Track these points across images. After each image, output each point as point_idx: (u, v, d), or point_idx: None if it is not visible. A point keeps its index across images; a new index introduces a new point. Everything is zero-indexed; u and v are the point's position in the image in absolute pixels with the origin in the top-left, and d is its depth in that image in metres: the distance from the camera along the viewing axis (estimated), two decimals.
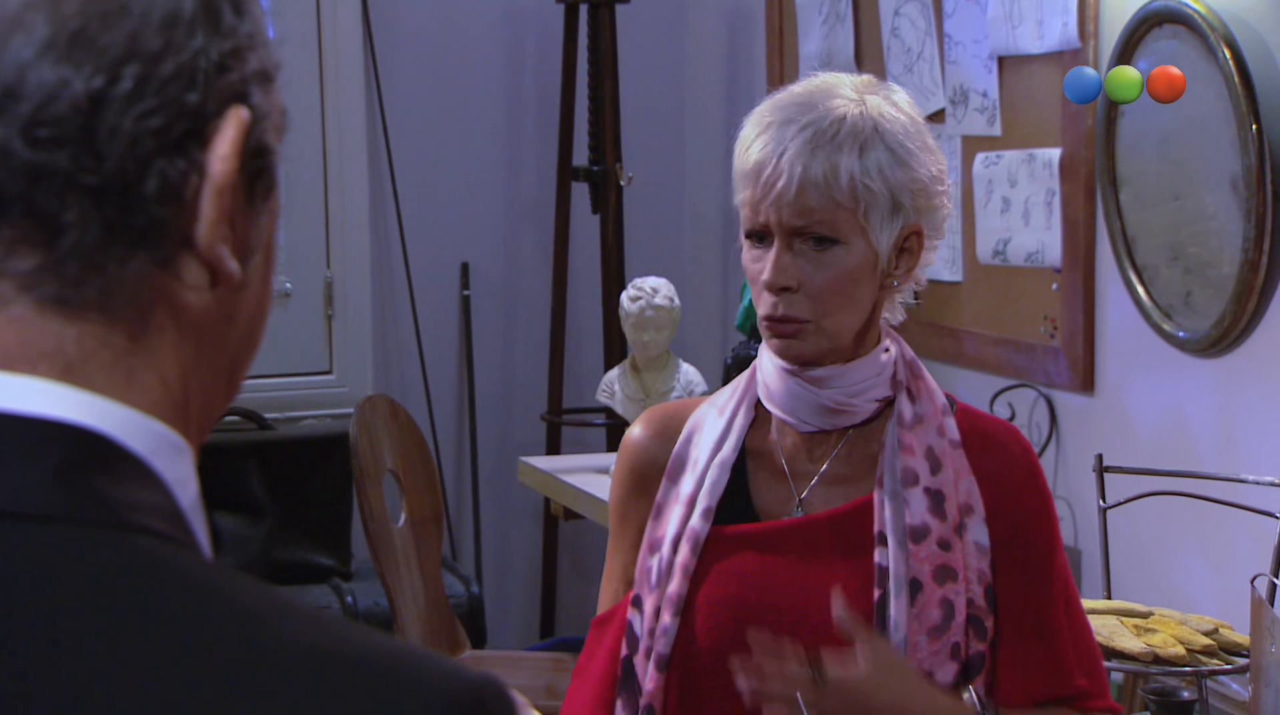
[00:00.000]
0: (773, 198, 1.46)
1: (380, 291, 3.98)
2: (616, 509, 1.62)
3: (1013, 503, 1.54)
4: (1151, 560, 2.65)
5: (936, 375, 3.25)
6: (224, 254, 0.67)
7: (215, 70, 0.66)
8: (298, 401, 3.87)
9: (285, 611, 0.63)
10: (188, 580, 0.62)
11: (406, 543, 3.11)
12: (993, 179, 3.02)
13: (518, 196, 4.09)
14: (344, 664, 0.61)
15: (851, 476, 1.56)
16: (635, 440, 1.60)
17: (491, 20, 4.02)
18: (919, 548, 1.50)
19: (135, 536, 0.62)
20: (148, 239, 0.65)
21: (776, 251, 1.48)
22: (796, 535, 1.54)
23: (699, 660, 1.53)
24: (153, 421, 0.66)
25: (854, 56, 3.49)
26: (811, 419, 1.54)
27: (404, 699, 0.61)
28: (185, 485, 0.66)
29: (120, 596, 0.60)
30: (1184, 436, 2.59)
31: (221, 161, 0.66)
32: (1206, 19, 2.45)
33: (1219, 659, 1.99)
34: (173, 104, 0.65)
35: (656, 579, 1.54)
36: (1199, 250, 2.56)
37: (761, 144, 1.48)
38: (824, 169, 1.45)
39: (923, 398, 1.55)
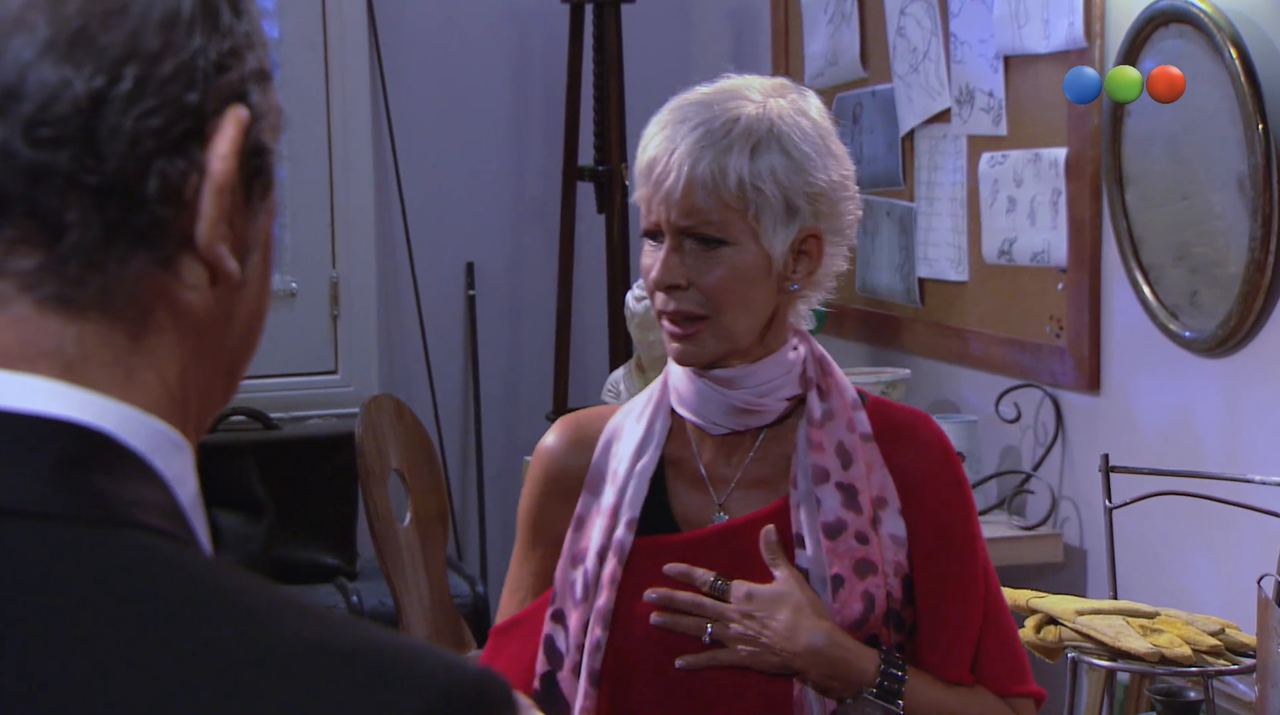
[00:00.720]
0: (662, 195, 1.47)
1: (385, 291, 3.98)
2: (527, 518, 1.60)
3: (928, 492, 1.54)
4: (1158, 560, 2.65)
5: (942, 374, 3.26)
6: (224, 253, 0.67)
7: (214, 70, 0.67)
8: (303, 401, 3.87)
9: (285, 607, 0.63)
10: (187, 577, 0.62)
11: (412, 542, 3.11)
12: (998, 178, 3.01)
13: (523, 196, 4.09)
14: (344, 658, 0.61)
15: (769, 478, 1.55)
16: (549, 448, 1.60)
17: (497, 20, 4.02)
18: (836, 544, 1.50)
19: (135, 533, 0.62)
20: (148, 238, 0.65)
21: (666, 250, 1.48)
22: (718, 543, 1.53)
23: (630, 673, 1.52)
24: (152, 419, 0.66)
25: (859, 56, 3.49)
26: (722, 420, 1.53)
27: (404, 691, 0.61)
28: (185, 482, 0.66)
29: (120, 593, 0.60)
30: (1190, 436, 2.59)
31: (221, 160, 0.66)
32: (1213, 18, 2.45)
33: (1225, 659, 1.99)
34: (172, 103, 0.65)
35: (582, 592, 1.53)
36: (1205, 250, 2.55)
37: (656, 142, 1.48)
38: (711, 169, 1.45)
39: (833, 394, 1.55)
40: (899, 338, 3.39)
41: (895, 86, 3.33)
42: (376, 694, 0.60)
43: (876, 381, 3.11)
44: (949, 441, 1.59)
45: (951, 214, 3.18)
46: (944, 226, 3.21)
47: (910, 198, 3.32)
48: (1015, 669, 1.58)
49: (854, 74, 3.52)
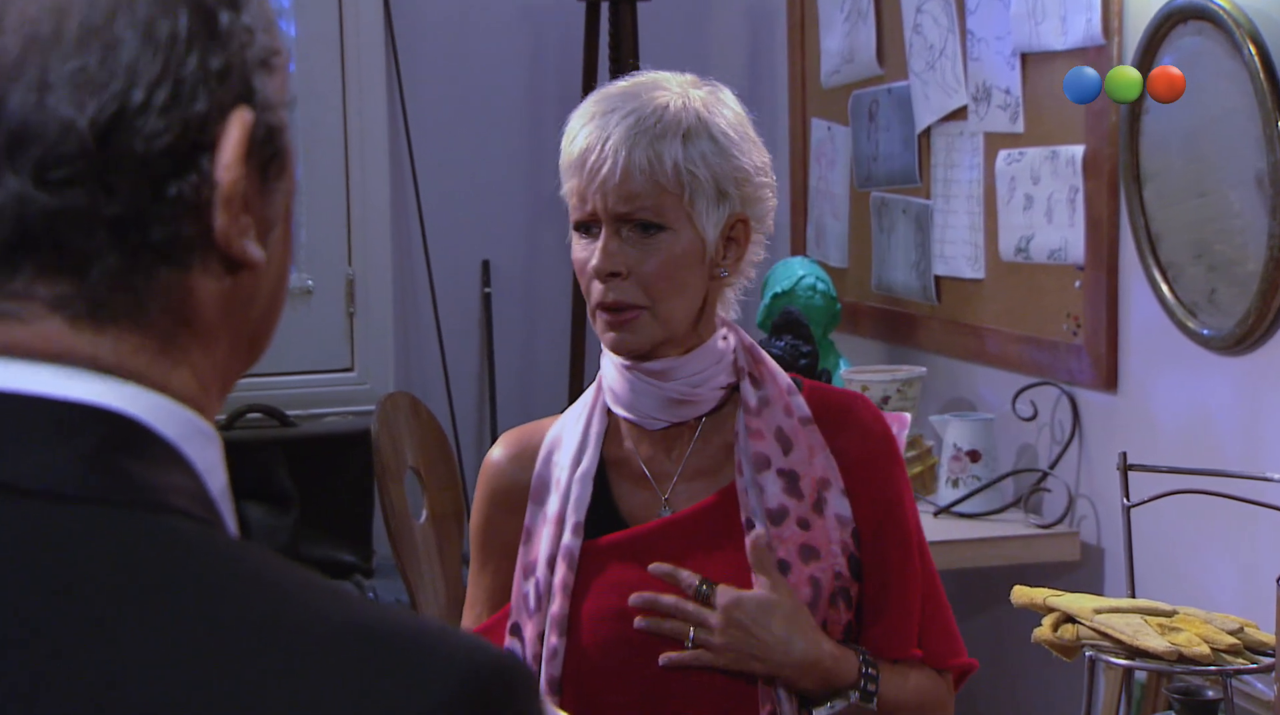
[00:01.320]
0: (598, 184, 1.48)
1: (401, 289, 3.98)
2: (477, 534, 1.62)
3: (870, 473, 1.56)
4: (1176, 559, 2.64)
5: (958, 372, 3.25)
6: (246, 246, 0.69)
7: (216, 80, 0.67)
8: (319, 399, 3.88)
9: (315, 588, 0.64)
10: (219, 559, 0.64)
11: (428, 539, 3.11)
12: (1015, 176, 3.00)
13: (539, 194, 4.09)
14: (374, 637, 0.62)
15: (711, 468, 1.56)
16: (493, 463, 1.61)
17: (512, 18, 4.02)
18: (780, 529, 1.51)
19: (168, 517, 0.64)
20: (171, 252, 0.67)
21: (604, 238, 1.50)
22: (666, 536, 1.54)
23: (590, 677, 1.53)
24: (184, 409, 0.68)
25: (876, 54, 3.49)
26: (658, 414, 1.54)
27: (432, 670, 0.62)
28: (214, 473, 0.68)
29: (152, 575, 0.62)
30: (1208, 435, 2.58)
31: (227, 170, 0.67)
32: (1232, 15, 2.44)
33: (1244, 658, 1.98)
34: (177, 122, 0.66)
35: (535, 603, 1.54)
36: (1223, 247, 2.54)
37: (586, 133, 1.50)
38: (648, 154, 1.47)
39: (766, 381, 1.56)
40: (915, 335, 3.38)
41: (911, 84, 3.33)
42: (406, 672, 0.61)
43: (892, 379, 3.10)
44: (887, 422, 1.62)
45: (968, 211, 3.17)
46: (960, 224, 3.21)
47: (926, 195, 3.32)
48: (951, 643, 1.61)
49: (870, 71, 3.51)
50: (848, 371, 3.19)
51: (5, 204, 0.65)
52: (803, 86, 3.85)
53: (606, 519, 1.56)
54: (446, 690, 0.61)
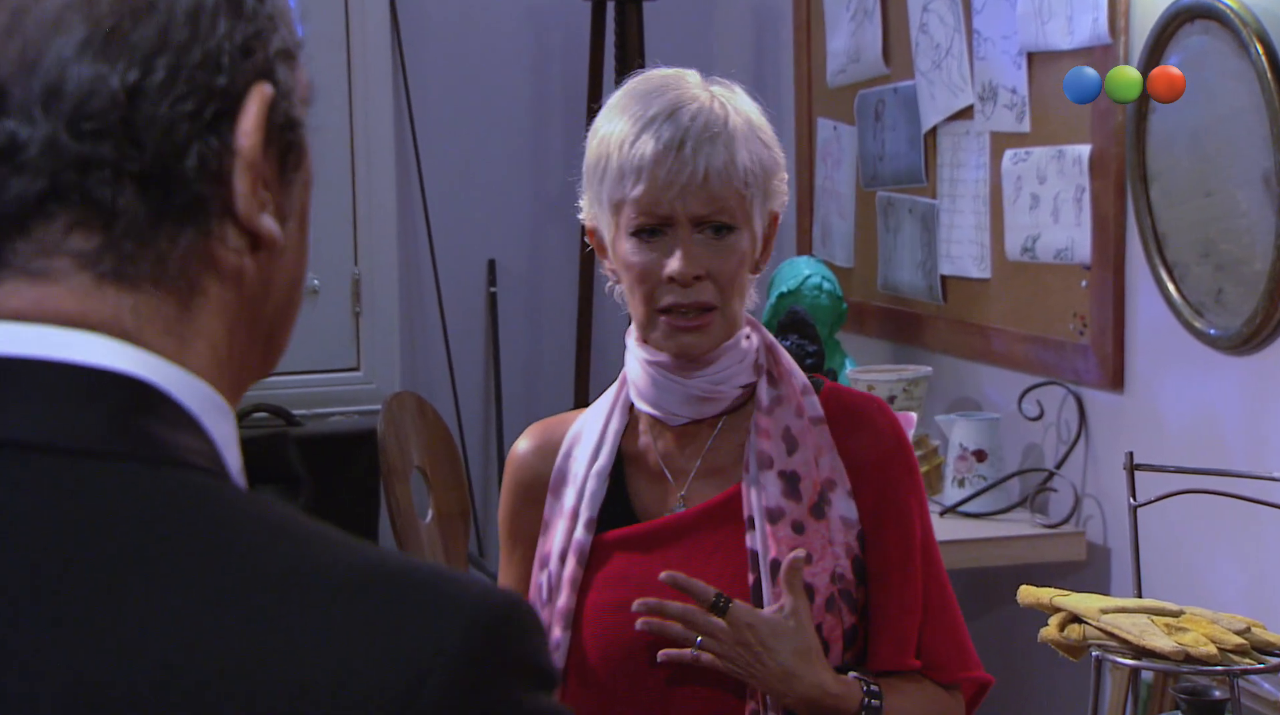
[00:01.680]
0: (678, 188, 1.48)
1: (407, 289, 3.99)
2: (504, 524, 1.63)
3: (881, 477, 1.56)
4: (1182, 559, 2.63)
5: (964, 372, 3.25)
6: (265, 219, 0.72)
7: (240, 53, 0.71)
8: (325, 398, 3.88)
9: (329, 536, 0.68)
10: (236, 508, 0.67)
11: (433, 539, 3.11)
12: (1021, 175, 3.00)
13: (544, 193, 4.09)
14: (388, 579, 0.65)
15: (725, 467, 1.57)
16: (519, 455, 1.62)
17: (518, 17, 4.02)
18: (775, 529, 1.51)
19: (188, 472, 0.68)
20: (193, 215, 0.71)
21: (684, 242, 1.49)
22: (674, 531, 1.55)
23: (590, 670, 1.53)
24: (201, 383, 0.71)
25: (882, 53, 3.48)
26: (681, 410, 1.55)
27: (443, 608, 0.65)
28: (230, 449, 0.71)
29: (178, 524, 0.65)
30: (1215, 434, 2.57)
31: (247, 136, 0.71)
32: (1239, 14, 2.43)
33: (1251, 658, 1.98)
34: (202, 89, 0.70)
35: (546, 595, 1.55)
36: (1230, 247, 2.54)
37: (653, 137, 1.48)
38: (724, 158, 1.48)
39: (782, 381, 1.57)
40: (921, 335, 3.38)
41: (918, 83, 3.32)
42: (422, 611, 0.65)
43: (898, 379, 3.10)
44: (902, 427, 1.61)
45: (974, 211, 3.17)
46: (966, 223, 3.20)
47: (933, 195, 3.31)
48: (962, 656, 1.59)
49: (876, 71, 3.51)
50: (853, 371, 3.19)
51: (39, 151, 0.68)
52: (809, 86, 3.85)
53: (620, 514, 1.57)
54: (461, 627, 0.64)
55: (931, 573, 1.58)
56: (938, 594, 1.59)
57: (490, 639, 0.65)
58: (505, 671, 0.65)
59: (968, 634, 1.63)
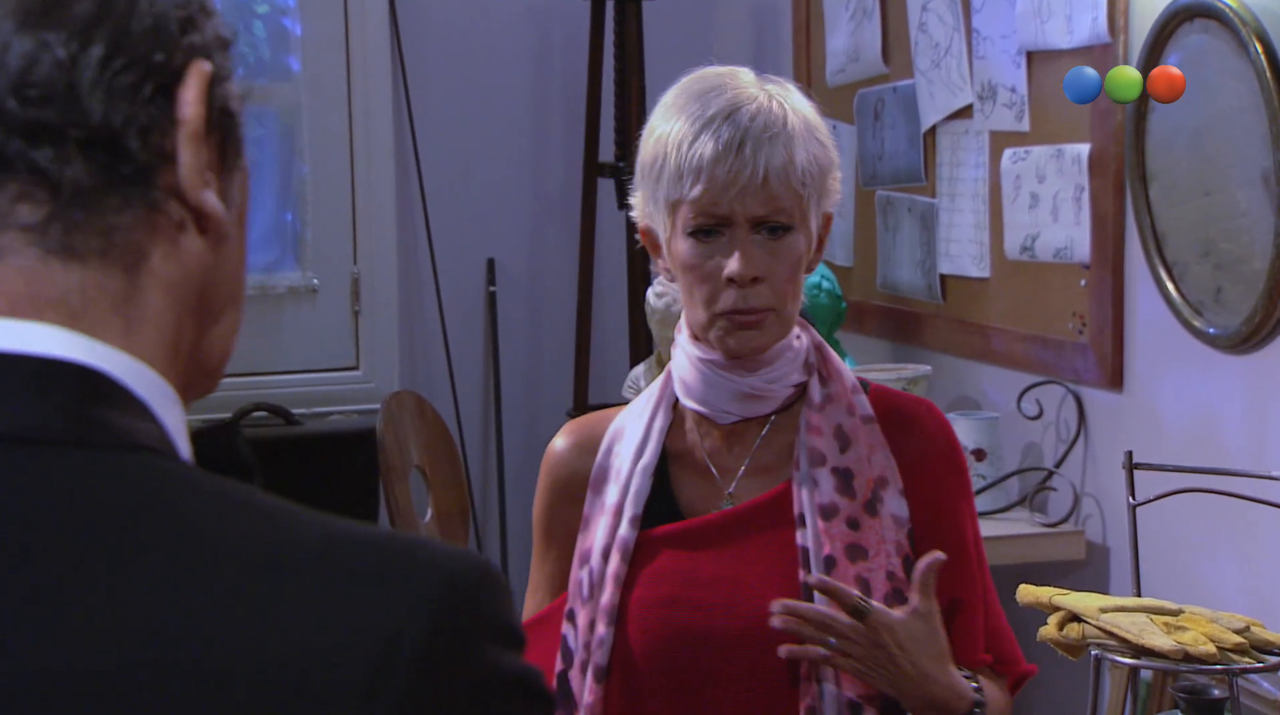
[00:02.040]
0: (738, 189, 1.47)
1: (407, 288, 3.99)
2: (539, 522, 1.63)
3: (931, 479, 1.56)
4: (1181, 558, 2.64)
5: (963, 371, 3.25)
6: (208, 196, 0.73)
7: (178, 30, 0.73)
8: (325, 397, 3.88)
9: (292, 508, 0.69)
10: (198, 487, 0.68)
11: (433, 537, 3.12)
12: (1021, 174, 3.00)
13: (543, 192, 4.09)
14: (352, 545, 0.67)
15: (774, 465, 1.57)
16: (556, 452, 1.62)
17: (518, 16, 4.02)
18: (830, 525, 1.51)
19: (145, 455, 0.68)
20: (138, 186, 0.71)
21: (743, 243, 1.49)
22: (721, 528, 1.55)
23: (635, 666, 1.53)
24: (150, 371, 0.71)
25: (881, 52, 3.48)
26: (731, 407, 1.55)
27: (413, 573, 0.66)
28: (180, 435, 0.72)
29: (138, 506, 0.66)
30: (1214, 434, 2.58)
31: (189, 107, 0.72)
32: (1238, 13, 2.44)
33: (1250, 657, 1.98)
34: (142, 62, 0.71)
35: (588, 591, 1.55)
36: (1230, 246, 2.54)
37: (711, 137, 1.48)
38: (783, 158, 1.48)
39: (833, 379, 1.57)
40: (920, 334, 3.38)
41: (917, 82, 3.33)
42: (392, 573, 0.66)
43: (897, 378, 3.10)
44: (951, 429, 1.62)
45: (973, 210, 3.17)
46: (966, 223, 3.21)
47: (932, 194, 3.31)
48: (1014, 650, 1.62)
49: (875, 70, 3.51)
50: (853, 370, 3.19)
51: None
52: (808, 85, 3.84)
53: (665, 510, 1.57)
54: (434, 587, 0.65)
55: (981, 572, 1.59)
56: (992, 594, 1.61)
57: (462, 598, 0.66)
58: (478, 630, 0.66)
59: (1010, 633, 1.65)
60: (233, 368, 3.00)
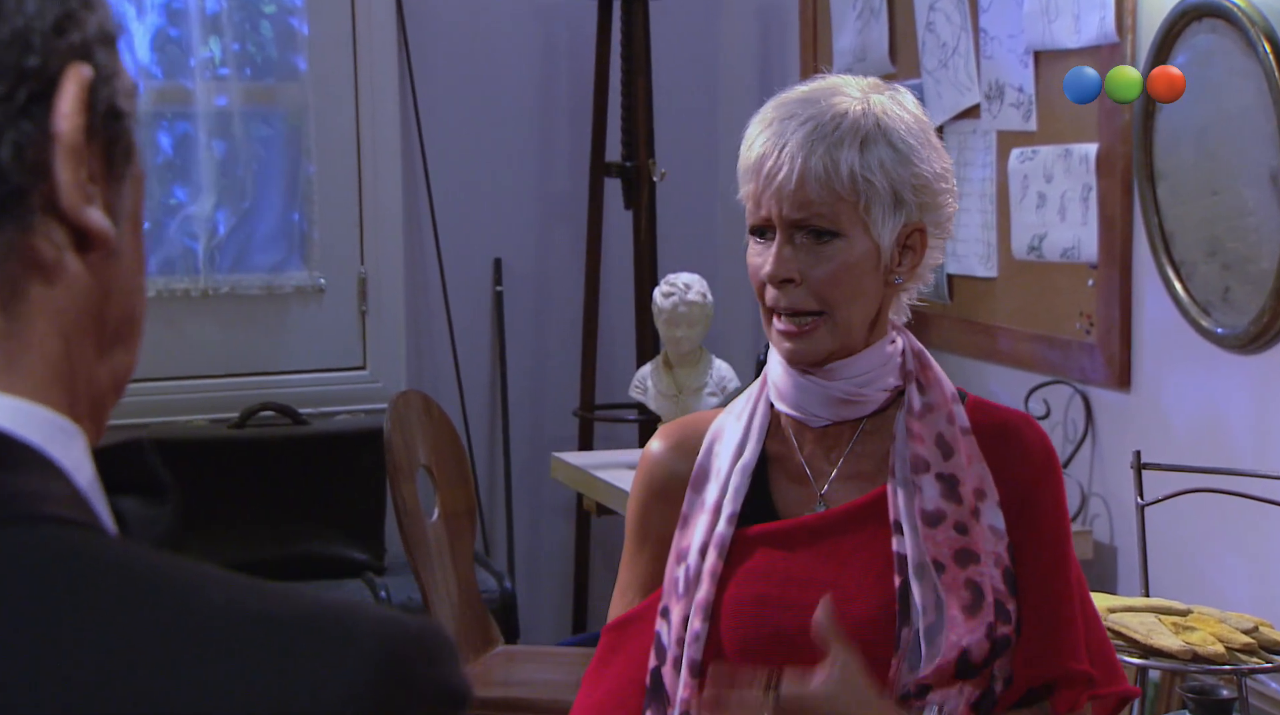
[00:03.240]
0: (773, 190, 1.49)
1: (413, 287, 3.99)
2: (635, 521, 1.63)
3: (1030, 491, 1.56)
4: (1189, 558, 2.63)
5: (970, 371, 3.25)
6: (92, 213, 0.66)
7: (52, 32, 0.65)
8: (332, 397, 3.89)
9: (211, 580, 0.62)
10: (105, 561, 0.62)
11: (440, 538, 3.11)
12: (1028, 174, 3.00)
13: (550, 192, 4.09)
14: (278, 622, 0.61)
15: (868, 471, 1.57)
16: (655, 454, 1.63)
17: (525, 15, 4.02)
18: (935, 531, 1.51)
19: (47, 527, 0.61)
20: (10, 209, 0.64)
21: (778, 244, 1.50)
22: (816, 530, 1.55)
23: (730, 660, 1.53)
24: (41, 408, 0.65)
25: (888, 52, 3.48)
26: (822, 412, 1.55)
27: (343, 650, 0.60)
28: (81, 469, 0.65)
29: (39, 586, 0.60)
30: (1222, 433, 2.57)
31: (65, 119, 0.65)
32: (1246, 13, 2.43)
33: (1259, 657, 1.98)
34: (11, 70, 0.64)
35: (684, 587, 1.56)
36: (1237, 245, 2.54)
37: (763, 139, 1.51)
38: (824, 162, 1.48)
39: (931, 387, 1.57)
40: (927, 334, 3.38)
41: (924, 82, 3.32)
42: (315, 654, 0.60)
43: None
44: (1050, 442, 1.60)
45: (981, 210, 3.17)
46: (973, 222, 3.20)
47: None
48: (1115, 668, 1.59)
49: (883, 69, 3.51)
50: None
51: None
52: None
53: (761, 510, 1.57)
54: (367, 664, 0.60)
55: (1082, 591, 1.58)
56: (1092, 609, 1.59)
57: (397, 672, 0.61)
58: (417, 701, 0.62)
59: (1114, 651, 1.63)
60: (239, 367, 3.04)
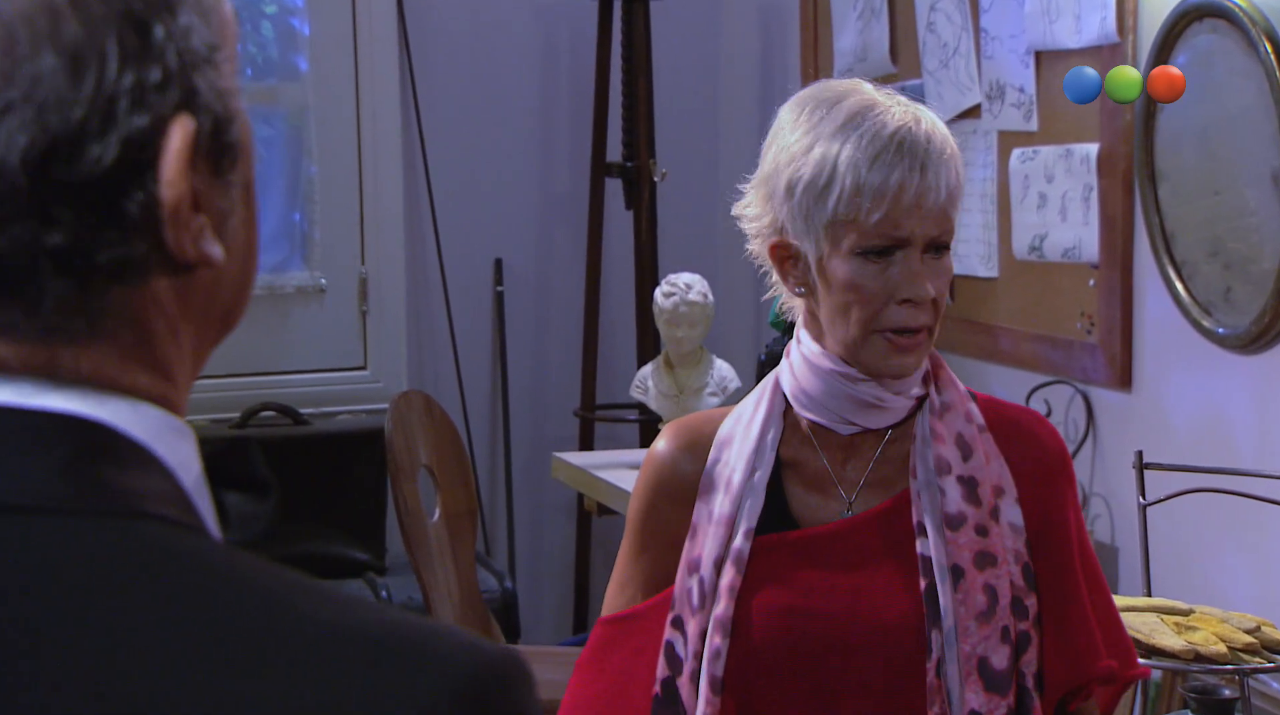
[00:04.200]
0: (923, 213, 1.49)
1: (414, 287, 3.99)
2: (640, 519, 1.61)
3: (1045, 488, 1.57)
4: (1191, 558, 2.63)
5: (971, 371, 3.25)
6: (202, 248, 0.67)
7: (155, 92, 0.65)
8: (333, 397, 3.89)
9: (301, 590, 0.63)
10: (202, 564, 0.63)
11: (441, 538, 3.11)
12: (1029, 174, 3.00)
13: (551, 193, 4.09)
14: (364, 639, 0.62)
15: (892, 476, 1.57)
16: (662, 454, 1.61)
17: (525, 16, 4.02)
18: (957, 535, 1.52)
19: (147, 524, 0.63)
20: (122, 272, 0.65)
21: (916, 263, 1.50)
22: (839, 538, 1.55)
23: (755, 676, 1.53)
24: (151, 407, 0.66)
25: (889, 52, 3.48)
26: (855, 418, 1.55)
27: (426, 672, 0.61)
28: (188, 468, 0.67)
29: (136, 584, 0.61)
30: (1223, 433, 2.57)
31: (170, 187, 0.65)
32: (1247, 13, 2.43)
33: (1261, 657, 1.98)
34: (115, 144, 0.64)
35: (699, 601, 1.55)
36: (1239, 246, 2.54)
37: (890, 160, 1.49)
38: (951, 180, 1.51)
39: (947, 387, 1.58)
40: None
41: (925, 82, 3.32)
42: (397, 675, 0.61)
43: None
44: (1062, 439, 1.63)
45: (982, 210, 3.17)
46: (974, 222, 3.20)
47: None
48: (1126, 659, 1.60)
49: (883, 69, 3.51)
50: None
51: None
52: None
53: (778, 519, 1.56)
54: (445, 691, 0.61)
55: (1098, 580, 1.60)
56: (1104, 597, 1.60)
57: (477, 702, 0.62)
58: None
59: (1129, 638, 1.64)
60: (240, 367, 3.04)
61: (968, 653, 1.50)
